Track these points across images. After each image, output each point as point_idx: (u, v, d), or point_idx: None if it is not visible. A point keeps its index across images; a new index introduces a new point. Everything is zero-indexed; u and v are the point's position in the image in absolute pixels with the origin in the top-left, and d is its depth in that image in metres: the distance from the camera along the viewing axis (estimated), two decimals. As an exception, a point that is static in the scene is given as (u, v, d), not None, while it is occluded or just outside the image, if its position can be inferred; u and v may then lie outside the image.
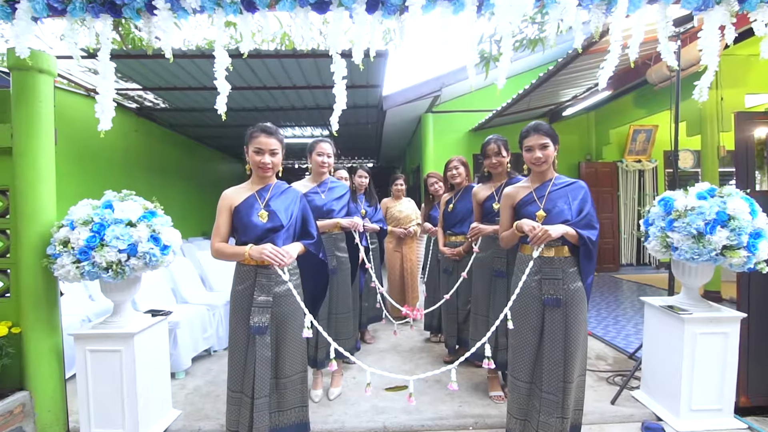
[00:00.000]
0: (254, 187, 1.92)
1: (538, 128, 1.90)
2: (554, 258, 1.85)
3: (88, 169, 5.16)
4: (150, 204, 2.26)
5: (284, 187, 1.97)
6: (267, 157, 1.84)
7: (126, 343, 2.14)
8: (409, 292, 4.13)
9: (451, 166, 3.10)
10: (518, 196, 1.98)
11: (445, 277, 3.12)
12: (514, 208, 2.01)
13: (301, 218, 1.97)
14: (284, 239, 1.84)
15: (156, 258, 2.11)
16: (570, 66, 4.21)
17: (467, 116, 7.12)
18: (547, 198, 1.90)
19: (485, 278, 2.62)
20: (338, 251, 2.62)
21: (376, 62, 4.46)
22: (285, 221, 1.86)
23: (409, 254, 4.20)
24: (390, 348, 3.57)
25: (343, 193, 2.69)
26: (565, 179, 1.96)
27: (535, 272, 1.86)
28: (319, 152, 2.60)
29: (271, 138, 1.85)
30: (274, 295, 1.82)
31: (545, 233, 1.73)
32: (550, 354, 1.79)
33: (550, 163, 1.92)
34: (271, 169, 1.87)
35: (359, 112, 6.56)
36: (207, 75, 4.79)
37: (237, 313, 1.82)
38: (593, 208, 1.89)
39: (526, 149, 1.93)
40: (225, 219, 1.85)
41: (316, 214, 2.57)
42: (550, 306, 1.81)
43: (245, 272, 1.83)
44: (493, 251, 2.57)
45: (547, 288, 1.82)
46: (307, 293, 2.04)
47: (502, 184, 2.60)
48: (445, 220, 3.12)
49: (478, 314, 2.67)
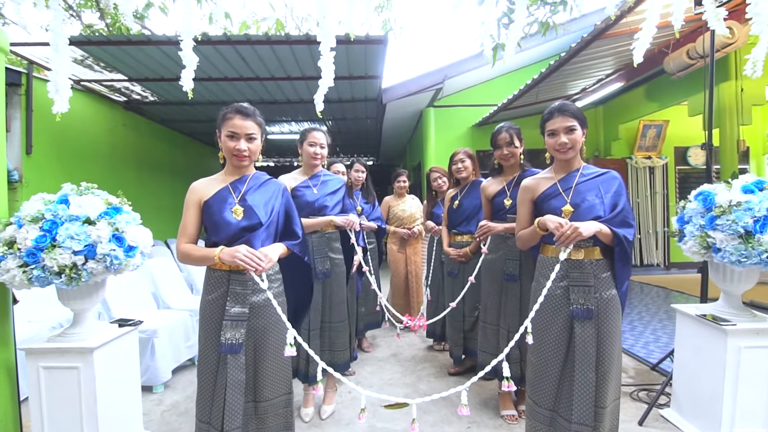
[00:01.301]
0: (228, 178, 1.63)
1: (564, 109, 1.61)
2: (584, 261, 1.56)
3: (70, 164, 4.88)
4: (114, 198, 1.98)
5: (264, 178, 1.68)
6: (243, 143, 1.55)
7: (84, 359, 1.86)
8: (414, 297, 3.82)
9: (457, 159, 2.81)
10: (539, 188, 1.70)
11: (449, 280, 2.84)
12: (534, 202, 1.72)
13: (284, 215, 1.69)
14: (263, 239, 1.56)
15: (119, 261, 1.83)
16: (582, 53, 3.92)
17: (470, 111, 6.84)
18: (575, 191, 1.62)
19: (495, 283, 2.34)
20: (332, 252, 2.33)
21: (374, 50, 4.18)
22: (264, 218, 1.57)
23: (414, 256, 3.88)
24: (390, 356, 3.29)
25: (338, 188, 2.40)
26: (595, 169, 1.68)
27: (561, 278, 1.57)
28: (311, 142, 2.31)
29: (247, 120, 1.56)
30: (251, 306, 1.54)
31: (575, 231, 1.45)
32: (581, 375, 1.51)
33: (577, 150, 1.64)
34: (248, 158, 1.59)
35: (358, 106, 6.27)
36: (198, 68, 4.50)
37: (206, 328, 1.54)
38: (629, 203, 1.61)
39: (549, 134, 1.65)
40: (193, 216, 1.57)
41: (308, 210, 2.29)
42: (580, 318, 1.53)
43: (216, 279, 1.54)
44: (504, 252, 2.29)
45: (576, 296, 1.54)
46: (290, 303, 1.76)
47: (515, 177, 2.33)
48: (450, 218, 2.84)
49: (487, 323, 2.39)
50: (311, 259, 2.24)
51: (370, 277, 2.51)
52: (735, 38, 3.64)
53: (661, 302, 4.88)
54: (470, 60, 5.91)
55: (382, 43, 3.98)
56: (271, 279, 1.59)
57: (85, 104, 5.24)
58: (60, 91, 1.69)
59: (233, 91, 5.32)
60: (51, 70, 1.69)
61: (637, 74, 5.23)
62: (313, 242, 2.26)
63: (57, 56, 1.69)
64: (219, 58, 4.32)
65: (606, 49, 4.18)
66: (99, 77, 4.93)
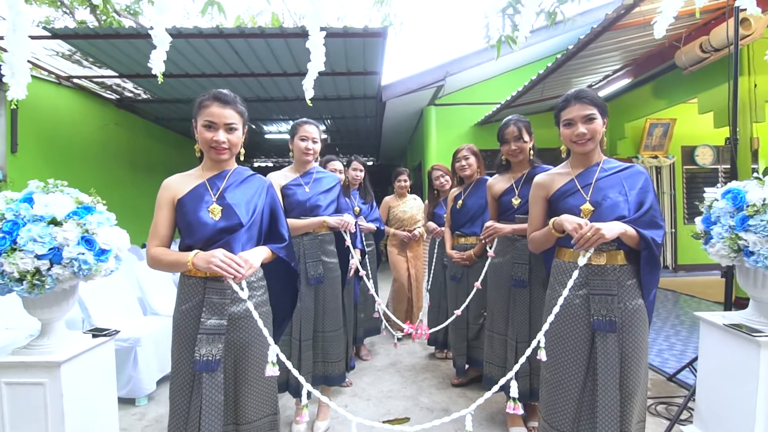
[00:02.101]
0: (206, 174, 1.46)
1: (582, 96, 1.44)
2: (606, 267, 1.39)
3: (58, 164, 4.71)
4: (86, 197, 1.81)
5: (246, 174, 1.51)
6: (221, 134, 1.38)
7: (51, 374, 1.68)
8: (414, 302, 3.63)
9: (460, 156, 2.64)
10: (554, 185, 1.52)
11: (452, 285, 2.66)
12: (548, 200, 1.55)
13: (269, 215, 1.52)
14: (244, 242, 1.39)
15: (88, 266, 1.65)
16: (591, 46, 3.75)
17: (472, 109, 6.66)
18: (595, 187, 1.44)
19: (502, 289, 2.16)
20: (325, 255, 2.16)
21: (373, 44, 4.02)
22: (245, 218, 1.40)
23: (415, 260, 3.66)
24: (389, 366, 3.11)
25: (332, 186, 2.23)
26: (617, 163, 1.50)
27: (580, 285, 1.40)
28: (302, 136, 2.14)
29: (226, 108, 1.39)
30: (230, 317, 1.36)
31: (597, 233, 1.27)
32: (604, 395, 1.33)
33: (597, 142, 1.46)
34: (228, 150, 1.41)
35: (357, 104, 6.11)
36: (189, 60, 4.35)
37: (179, 343, 1.36)
38: (656, 201, 1.43)
39: (566, 123, 1.47)
40: (165, 216, 1.40)
41: (299, 210, 2.11)
42: (602, 331, 1.35)
43: (190, 287, 1.37)
44: (513, 256, 2.11)
45: (598, 307, 1.36)
46: (276, 313, 1.58)
47: (524, 174, 2.15)
48: (453, 219, 2.66)
49: (494, 332, 2.21)
50: (302, 263, 2.07)
51: (367, 282, 2.32)
52: (752, 30, 3.46)
53: (671, 306, 4.70)
54: (472, 56, 5.75)
55: (381, 36, 3.82)
56: (253, 287, 1.41)
57: (75, 101, 5.08)
58: (17, 75, 1.51)
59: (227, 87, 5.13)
60: (6, 52, 1.52)
61: (646, 70, 5.05)
62: (304, 245, 2.09)
63: (14, 36, 1.51)
64: (212, 53, 4.16)
65: (614, 42, 4.02)
66: (89, 73, 4.78)
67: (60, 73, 4.70)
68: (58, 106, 4.79)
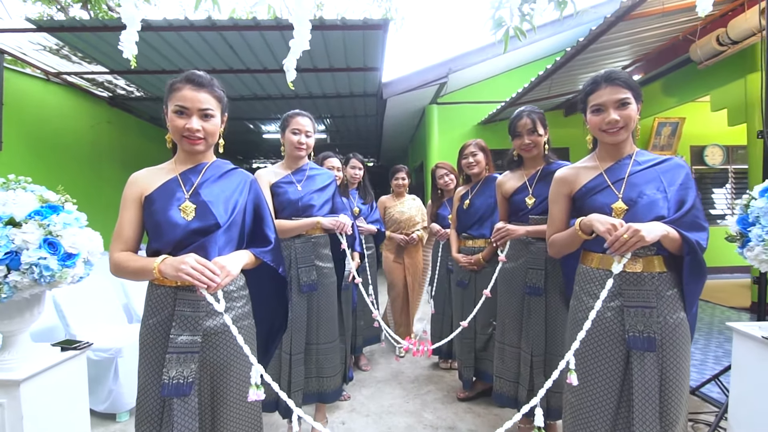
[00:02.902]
0: (179, 167, 1.27)
1: (614, 77, 1.25)
2: (643, 275, 1.19)
3: (46, 162, 4.53)
4: (53, 194, 1.62)
5: (226, 167, 1.32)
6: (195, 121, 1.19)
7: (9, 393, 1.49)
8: (414, 312, 3.36)
9: (467, 152, 2.46)
10: (579, 180, 1.33)
11: (459, 291, 2.47)
12: (572, 198, 1.36)
13: (253, 214, 1.33)
14: (222, 245, 1.20)
15: (51, 272, 1.47)
16: (603, 38, 3.57)
17: (475, 108, 6.48)
18: (628, 183, 1.25)
19: (515, 297, 1.97)
20: (319, 260, 1.97)
21: (373, 37, 3.84)
22: (223, 218, 1.21)
23: (413, 267, 3.32)
24: (390, 377, 2.91)
25: (327, 183, 2.05)
26: (652, 155, 1.31)
27: (612, 296, 1.20)
28: (294, 128, 1.96)
29: (201, 91, 1.20)
30: (205, 333, 1.17)
31: (635, 235, 1.08)
32: (640, 425, 1.13)
33: (630, 131, 1.27)
34: (203, 140, 1.23)
35: (357, 102, 5.93)
36: (182, 55, 4.17)
37: (146, 363, 1.18)
38: (699, 199, 1.24)
39: (594, 110, 1.28)
40: (131, 215, 1.21)
41: (290, 210, 1.93)
42: (639, 349, 1.16)
43: (159, 298, 1.18)
44: (526, 260, 1.93)
45: (633, 321, 1.17)
46: (260, 327, 1.39)
47: (538, 171, 1.97)
48: (459, 220, 2.47)
49: (505, 344, 2.02)
50: (294, 268, 1.88)
51: (363, 291, 2.13)
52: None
53: None
54: (476, 52, 5.56)
55: (382, 28, 3.64)
56: (232, 297, 1.22)
57: (65, 99, 4.90)
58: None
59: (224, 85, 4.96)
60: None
61: (657, 65, 4.86)
62: (296, 249, 1.90)
63: None
64: (205, 47, 3.98)
65: (625, 35, 3.83)
66: (79, 69, 4.60)
67: (48, 68, 4.52)
68: (46, 103, 4.62)
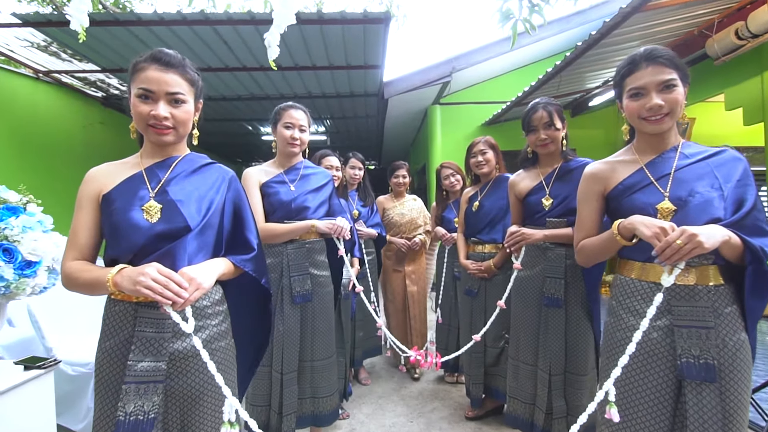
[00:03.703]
0: (145, 161, 1.09)
1: (656, 55, 1.07)
2: (697, 288, 1.00)
3: (35, 163, 4.36)
4: (14, 195, 1.45)
5: (200, 162, 1.14)
6: (162, 107, 1.01)
7: (-44, 421, 1.30)
8: (417, 328, 2.98)
9: (476, 150, 2.28)
10: (615, 176, 1.15)
11: (467, 300, 2.28)
12: (606, 198, 1.17)
13: (232, 216, 1.14)
14: (192, 252, 1.01)
15: (5, 282, 1.30)
16: (615, 32, 3.39)
17: (479, 108, 6.30)
18: (675, 179, 1.06)
19: (530, 308, 1.78)
20: (315, 267, 1.78)
21: (374, 32, 3.66)
22: (194, 219, 1.02)
23: (415, 275, 2.99)
24: (392, 392, 2.71)
25: (323, 183, 1.86)
26: (701, 147, 1.12)
27: (659, 314, 1.01)
28: (287, 122, 1.78)
29: (169, 72, 1.02)
30: (172, 358, 0.98)
31: (692, 240, 0.89)
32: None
33: (676, 119, 1.08)
34: (172, 130, 1.04)
35: (357, 102, 5.75)
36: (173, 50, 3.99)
37: (101, 394, 0.99)
38: (759, 198, 1.05)
39: (632, 94, 1.10)
40: (87, 218, 1.03)
41: (282, 212, 1.74)
42: (694, 379, 0.96)
43: (117, 316, 0.99)
44: (544, 268, 1.73)
45: (687, 344, 0.97)
46: (241, 347, 1.20)
47: (555, 169, 1.78)
48: (468, 224, 2.29)
49: (519, 361, 1.82)
50: (286, 277, 1.70)
51: (365, 300, 1.93)
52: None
53: None
54: (481, 50, 5.40)
55: (383, 22, 3.46)
56: (204, 314, 1.03)
57: (56, 98, 4.74)
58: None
59: (217, 82, 4.81)
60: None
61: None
62: (288, 255, 1.72)
63: None
64: (198, 42, 3.81)
65: (638, 29, 3.65)
66: (69, 68, 4.44)
67: (37, 66, 4.36)
68: (35, 103, 4.45)
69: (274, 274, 1.72)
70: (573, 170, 1.75)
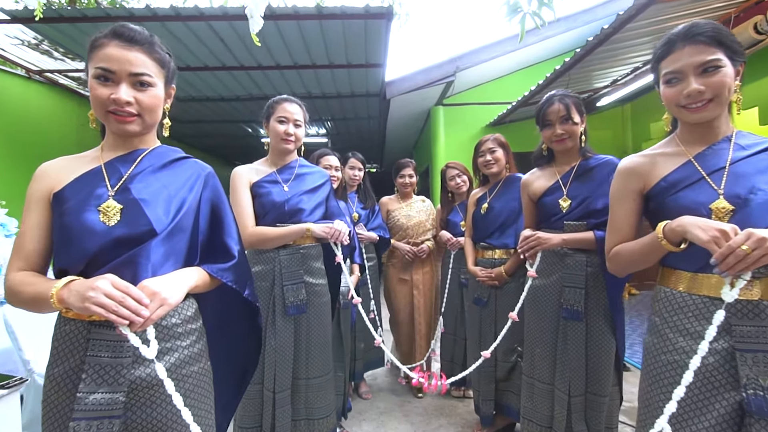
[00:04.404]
0: (106, 155, 0.94)
1: (694, 33, 0.91)
2: (763, 304, 0.84)
3: (26, 165, 4.22)
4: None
5: (172, 156, 0.99)
6: (124, 91, 0.86)
7: None
8: (424, 345, 2.67)
9: (484, 149, 2.12)
10: (657, 170, 0.99)
11: (475, 310, 2.12)
12: (645, 196, 1.00)
13: (209, 218, 0.99)
14: (158, 262, 0.86)
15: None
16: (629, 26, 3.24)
17: (483, 109, 6.16)
18: (731, 174, 0.90)
19: (547, 321, 1.62)
20: (310, 275, 1.62)
21: (376, 28, 3.53)
22: (161, 222, 0.87)
23: (424, 286, 2.67)
24: (395, 407, 2.54)
25: (320, 184, 1.71)
26: (758, 137, 0.96)
27: (718, 334, 0.84)
28: (281, 117, 1.63)
29: (133, 50, 0.87)
30: (133, 387, 0.82)
31: (762, 246, 0.73)
32: None
33: (724, 105, 0.93)
34: (137, 118, 0.90)
35: (358, 103, 5.62)
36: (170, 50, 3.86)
37: (49, 429, 0.82)
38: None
39: (668, 79, 0.94)
40: (35, 221, 0.88)
41: (275, 215, 1.59)
42: (765, 416, 0.79)
43: (67, 337, 0.84)
44: (562, 276, 1.57)
45: (753, 372, 0.81)
46: (224, 368, 1.04)
47: (574, 167, 1.63)
48: (476, 227, 2.13)
49: (534, 379, 1.65)
50: (278, 286, 1.54)
51: (362, 311, 1.76)
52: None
53: None
54: (485, 49, 5.26)
55: (385, 17, 3.32)
56: (172, 334, 0.88)
57: (48, 98, 4.61)
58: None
59: (215, 82, 4.68)
60: None
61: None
62: (281, 261, 1.56)
63: None
64: (194, 40, 3.68)
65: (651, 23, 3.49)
66: (62, 67, 4.32)
67: (29, 66, 4.24)
68: (27, 103, 4.33)
69: (265, 283, 1.56)
70: (593, 168, 1.60)
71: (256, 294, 1.06)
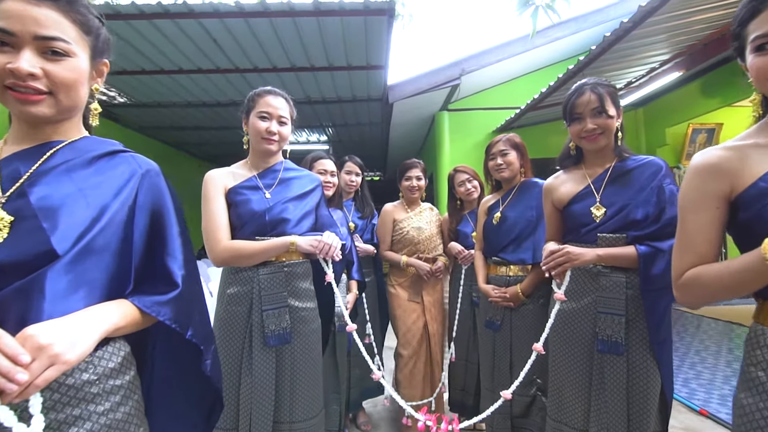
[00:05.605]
0: (9, 148, 0.71)
1: None
2: None
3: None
4: None
5: (98, 150, 0.75)
6: (27, 59, 0.63)
7: None
8: (433, 377, 2.30)
9: (495, 151, 1.88)
10: (749, 168, 0.75)
11: (488, 334, 1.85)
12: (733, 203, 0.75)
13: (146, 232, 0.74)
14: (62, 293, 0.61)
15: None
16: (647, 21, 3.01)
17: (489, 114, 5.94)
18: None
19: (579, 354, 1.35)
20: (296, 298, 1.37)
21: (377, 26, 3.32)
22: (66, 240, 0.63)
23: (435, 309, 2.30)
24: (397, 441, 2.26)
25: (309, 190, 1.47)
26: None
27: None
28: (262, 112, 1.40)
29: (40, 5, 0.64)
30: None
31: None
32: None
33: None
34: (47, 96, 0.66)
35: (359, 108, 5.42)
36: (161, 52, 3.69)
37: None
38: None
39: (758, 45, 0.71)
40: None
41: (254, 225, 1.34)
42: None
43: None
44: (596, 300, 1.32)
45: None
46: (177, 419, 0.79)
47: (608, 169, 1.39)
48: (488, 240, 1.87)
49: (563, 423, 1.38)
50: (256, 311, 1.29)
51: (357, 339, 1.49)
52: None
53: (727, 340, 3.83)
54: (492, 51, 5.05)
55: (386, 14, 3.12)
56: (83, 396, 0.63)
57: (37, 104, 4.44)
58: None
59: (209, 85, 4.50)
60: None
61: (700, 61, 4.27)
62: (260, 282, 1.32)
63: None
64: (185, 40, 3.50)
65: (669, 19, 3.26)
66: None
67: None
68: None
69: (240, 308, 1.32)
70: (631, 170, 1.35)
71: (210, 332, 0.80)
